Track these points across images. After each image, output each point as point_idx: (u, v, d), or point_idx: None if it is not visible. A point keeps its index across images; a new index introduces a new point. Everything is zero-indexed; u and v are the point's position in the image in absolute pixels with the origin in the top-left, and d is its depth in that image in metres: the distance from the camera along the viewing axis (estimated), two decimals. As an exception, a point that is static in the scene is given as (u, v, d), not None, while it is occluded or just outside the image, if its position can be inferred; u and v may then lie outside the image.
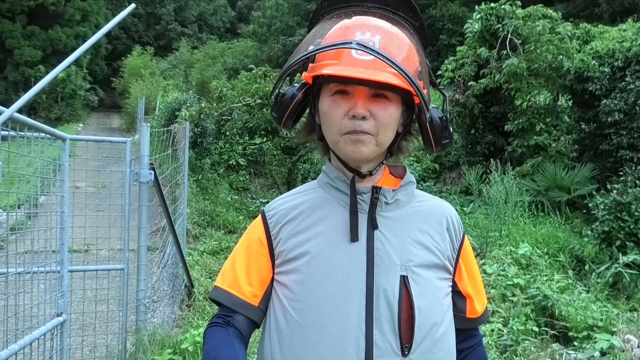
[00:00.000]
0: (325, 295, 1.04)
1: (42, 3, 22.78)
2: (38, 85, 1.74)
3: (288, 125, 1.17)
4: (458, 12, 20.62)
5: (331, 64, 1.01)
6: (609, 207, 6.03)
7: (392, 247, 1.07)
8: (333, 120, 1.05)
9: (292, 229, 1.12)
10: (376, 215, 1.09)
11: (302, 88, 1.14)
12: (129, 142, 3.93)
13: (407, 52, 1.03)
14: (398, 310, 1.03)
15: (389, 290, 1.04)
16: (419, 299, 1.05)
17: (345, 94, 1.04)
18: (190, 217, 8.05)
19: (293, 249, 1.10)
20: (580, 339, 4.02)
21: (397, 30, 1.05)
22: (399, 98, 1.06)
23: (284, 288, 1.09)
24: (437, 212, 1.16)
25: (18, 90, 21.22)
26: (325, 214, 1.12)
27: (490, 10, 9.77)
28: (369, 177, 1.12)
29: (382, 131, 1.05)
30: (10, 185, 2.67)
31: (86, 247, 5.67)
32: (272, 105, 1.17)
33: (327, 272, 1.06)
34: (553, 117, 9.51)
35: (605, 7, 19.25)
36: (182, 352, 3.58)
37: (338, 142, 1.07)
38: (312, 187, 1.19)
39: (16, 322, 2.57)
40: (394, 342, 1.02)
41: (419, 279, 1.06)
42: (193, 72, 20.67)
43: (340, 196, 1.13)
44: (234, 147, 12.29)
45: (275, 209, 1.17)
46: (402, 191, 1.14)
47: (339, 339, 1.02)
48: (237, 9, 39.09)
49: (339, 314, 1.03)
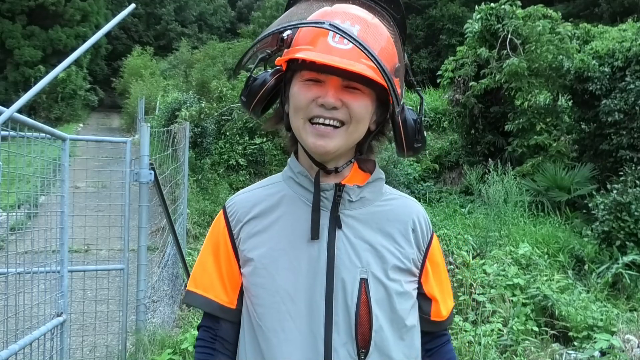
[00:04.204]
0: (286, 298, 1.03)
1: (42, 3, 22.77)
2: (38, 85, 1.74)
3: (257, 111, 1.11)
4: (458, 12, 20.63)
5: (306, 49, 0.97)
6: (609, 207, 6.03)
7: (354, 249, 1.04)
8: (300, 103, 1.00)
9: (252, 228, 1.09)
10: (339, 213, 1.05)
11: (275, 74, 1.08)
12: (129, 142, 3.93)
13: (386, 45, 0.99)
14: (355, 314, 1.01)
15: (348, 294, 1.01)
16: (378, 303, 1.02)
17: (318, 82, 1.00)
18: (190, 217, 8.05)
19: (253, 249, 1.07)
20: (580, 339, 4.02)
21: (377, 22, 1.01)
22: (373, 94, 1.02)
23: (248, 291, 1.08)
24: (404, 212, 1.12)
25: (18, 90, 21.21)
26: (286, 212, 1.08)
27: (490, 11, 9.77)
28: (335, 173, 1.07)
29: (354, 122, 1.00)
30: (10, 185, 2.67)
31: (86, 247, 5.66)
32: (242, 89, 1.11)
33: (286, 275, 1.04)
34: (553, 117, 9.51)
35: (605, 7, 19.25)
36: (182, 352, 3.57)
37: (302, 128, 1.01)
38: (275, 180, 1.15)
39: (16, 322, 2.57)
40: (350, 346, 1.01)
41: (379, 283, 1.03)
42: (193, 72, 20.63)
43: (302, 192, 1.08)
44: (234, 147, 12.28)
45: (235, 205, 1.13)
46: (369, 188, 1.10)
47: (299, 343, 1.01)
48: (237, 9, 39.07)
49: (299, 317, 1.02)
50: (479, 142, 10.46)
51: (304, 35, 1.01)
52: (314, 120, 1.00)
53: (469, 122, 10.58)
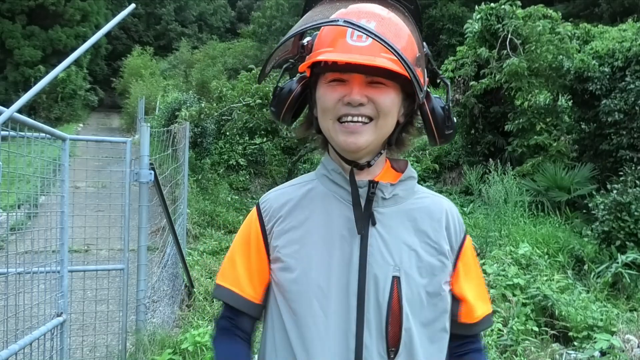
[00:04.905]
0: (319, 294, 1.03)
1: (42, 3, 22.78)
2: (38, 85, 1.74)
3: (287, 120, 1.13)
4: (458, 12, 20.62)
5: (326, 51, 0.99)
6: (609, 207, 6.03)
7: (387, 246, 1.04)
8: (327, 104, 1.02)
9: (285, 225, 1.10)
10: (373, 210, 1.06)
11: (300, 81, 1.11)
12: (129, 142, 3.93)
13: (404, 36, 1.00)
14: (387, 312, 1.01)
15: (380, 292, 1.02)
16: (409, 302, 1.02)
17: (342, 82, 1.01)
18: (190, 217, 8.05)
19: (285, 246, 1.08)
20: (580, 339, 4.01)
21: (393, 15, 1.01)
22: (398, 86, 1.02)
23: (280, 287, 1.08)
24: (437, 210, 1.12)
25: (18, 90, 21.21)
26: (319, 209, 1.09)
27: (490, 11, 9.76)
28: (368, 169, 1.08)
29: (382, 116, 1.01)
30: (10, 185, 2.67)
31: (86, 247, 5.67)
32: (271, 99, 1.14)
33: (319, 271, 1.04)
34: (553, 117, 9.51)
35: (605, 7, 19.25)
36: (182, 352, 3.58)
37: (332, 129, 1.03)
38: (309, 178, 1.16)
39: (16, 322, 2.57)
40: (381, 344, 1.01)
41: (411, 281, 1.03)
42: (193, 72, 20.66)
43: (335, 189, 1.09)
44: (234, 147, 12.28)
45: (269, 201, 1.14)
46: (402, 186, 1.10)
47: (331, 339, 1.01)
48: (237, 9, 39.08)
49: (331, 313, 1.02)
50: (479, 142, 10.46)
51: (323, 38, 1.03)
52: (343, 119, 1.01)
53: (469, 122, 10.57)
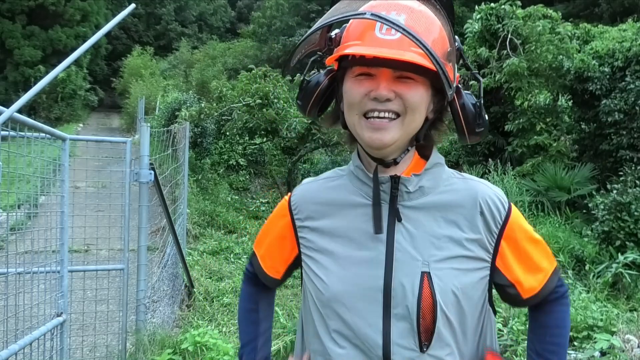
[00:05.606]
0: (344, 291, 1.04)
1: (42, 3, 22.78)
2: (38, 85, 1.74)
3: (313, 113, 1.12)
4: (458, 12, 20.61)
5: (354, 44, 0.97)
6: (609, 207, 6.03)
7: (413, 242, 1.03)
8: (354, 98, 1.00)
9: (313, 219, 1.12)
10: (398, 206, 1.04)
11: (328, 74, 1.10)
12: (129, 142, 3.93)
13: (435, 30, 0.97)
14: (417, 307, 1.00)
15: (408, 288, 1.01)
16: (442, 295, 1.00)
17: (369, 77, 0.99)
18: (190, 217, 8.05)
19: (315, 240, 1.11)
20: (580, 339, 4.01)
21: (424, 9, 0.98)
22: (427, 81, 0.99)
23: (308, 275, 1.11)
24: (468, 195, 1.07)
25: (18, 90, 21.22)
26: (346, 205, 1.09)
27: (490, 11, 9.76)
28: (395, 165, 1.05)
29: (410, 112, 0.98)
30: (10, 185, 2.67)
31: (86, 247, 5.67)
32: (298, 92, 1.13)
33: (346, 268, 1.05)
34: (553, 117, 9.51)
35: (605, 7, 19.25)
36: (182, 352, 3.58)
37: (357, 124, 1.01)
38: (340, 173, 1.17)
39: (16, 322, 2.57)
40: (412, 339, 1.01)
41: (443, 274, 1.01)
42: (193, 72, 20.68)
43: (360, 186, 1.09)
44: (234, 147, 12.28)
45: (301, 191, 1.18)
46: (428, 176, 1.07)
47: (359, 335, 1.03)
48: (237, 9, 39.07)
49: (358, 309, 1.03)
50: (479, 142, 10.47)
51: (351, 31, 1.01)
52: (369, 115, 0.99)
53: (469, 122, 10.57)
